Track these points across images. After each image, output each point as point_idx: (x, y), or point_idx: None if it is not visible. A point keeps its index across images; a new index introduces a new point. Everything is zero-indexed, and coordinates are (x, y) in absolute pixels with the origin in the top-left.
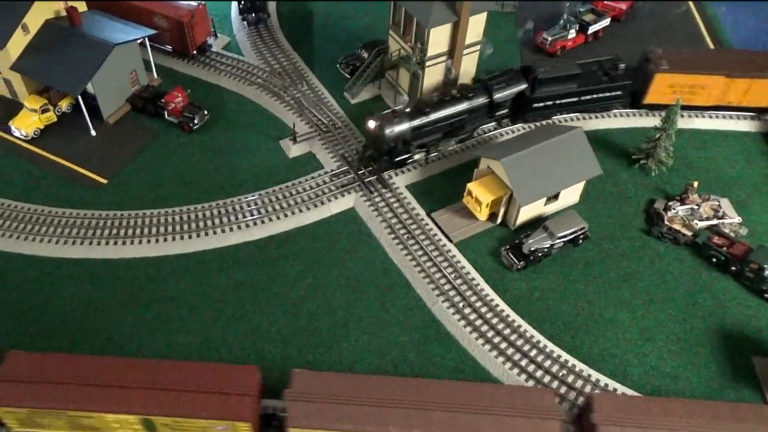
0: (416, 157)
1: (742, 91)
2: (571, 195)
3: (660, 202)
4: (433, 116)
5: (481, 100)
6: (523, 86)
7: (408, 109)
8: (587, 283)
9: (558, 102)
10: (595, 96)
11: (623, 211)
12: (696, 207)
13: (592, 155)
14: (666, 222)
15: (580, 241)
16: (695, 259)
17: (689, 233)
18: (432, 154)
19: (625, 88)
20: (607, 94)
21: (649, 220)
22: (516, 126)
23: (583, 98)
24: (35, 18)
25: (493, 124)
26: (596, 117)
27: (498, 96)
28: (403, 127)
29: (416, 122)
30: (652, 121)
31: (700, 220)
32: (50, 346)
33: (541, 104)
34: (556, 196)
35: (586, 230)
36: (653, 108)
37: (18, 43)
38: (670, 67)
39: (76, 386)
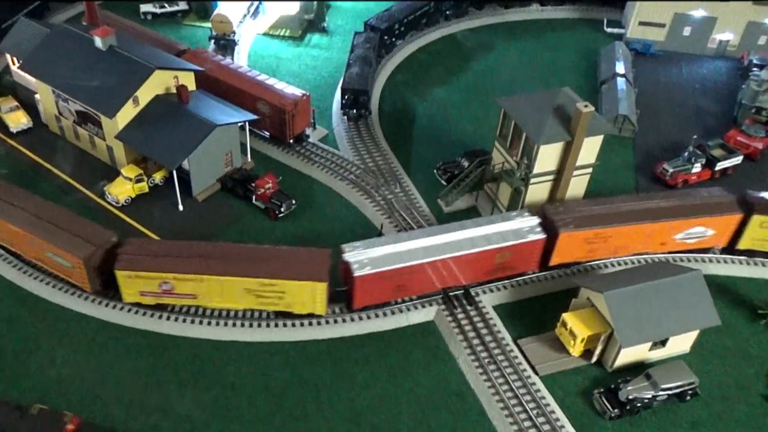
0: None
1: None
2: (681, 343)
3: None
4: None
5: None
6: None
7: None
8: None
9: None
10: None
11: (742, 371)
12: None
13: (711, 303)
14: None
15: (688, 397)
16: None
17: None
18: None
19: None
20: None
21: None
22: (625, 258)
23: None
24: (147, 92)
25: None
26: (717, 261)
27: None
28: None
29: None
30: None
31: None
32: (106, 413)
33: None
34: (663, 342)
35: (695, 385)
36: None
37: (127, 113)
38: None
39: None
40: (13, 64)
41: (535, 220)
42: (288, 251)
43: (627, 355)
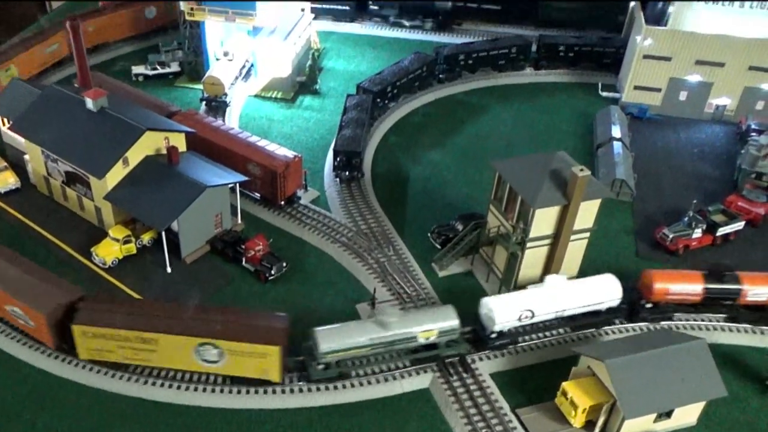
0: None
1: None
2: (687, 415)
3: None
4: None
5: None
6: None
7: None
8: None
9: None
10: None
11: None
12: None
13: (716, 373)
14: None
15: None
16: None
17: None
18: None
19: None
20: None
21: None
22: (627, 325)
23: None
24: (137, 153)
25: None
26: (722, 329)
27: None
28: None
29: None
30: None
31: None
32: None
33: None
34: (669, 414)
35: None
36: None
37: (116, 174)
38: None
39: None
40: (3, 124)
41: None
42: None
43: (631, 427)
